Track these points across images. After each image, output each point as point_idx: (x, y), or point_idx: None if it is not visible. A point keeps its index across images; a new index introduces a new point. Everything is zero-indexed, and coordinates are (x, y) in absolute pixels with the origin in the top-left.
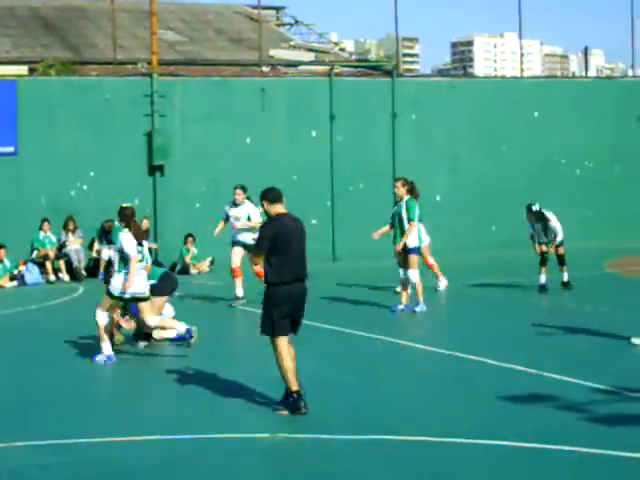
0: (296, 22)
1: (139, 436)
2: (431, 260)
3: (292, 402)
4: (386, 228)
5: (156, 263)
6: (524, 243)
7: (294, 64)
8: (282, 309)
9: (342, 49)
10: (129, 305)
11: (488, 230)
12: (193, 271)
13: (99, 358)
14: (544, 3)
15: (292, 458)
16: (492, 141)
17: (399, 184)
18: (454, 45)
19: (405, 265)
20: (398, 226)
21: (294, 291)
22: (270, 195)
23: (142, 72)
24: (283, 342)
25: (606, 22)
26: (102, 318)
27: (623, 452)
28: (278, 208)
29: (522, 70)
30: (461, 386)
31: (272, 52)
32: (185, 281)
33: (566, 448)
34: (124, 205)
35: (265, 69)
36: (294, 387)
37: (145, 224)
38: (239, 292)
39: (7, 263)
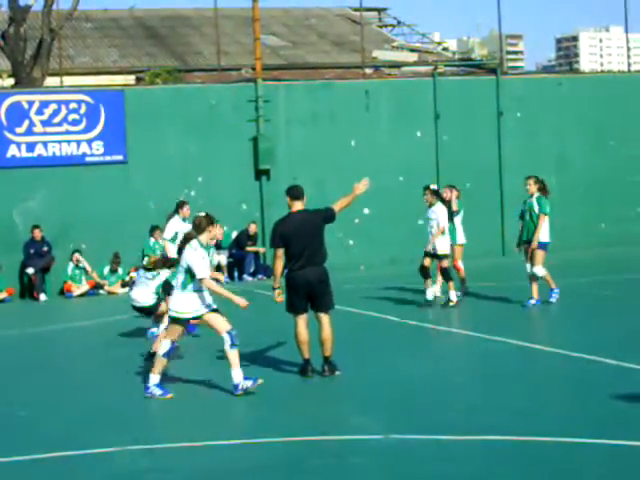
0: (398, 23)
1: (246, 439)
2: (460, 264)
3: (300, 367)
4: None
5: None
6: (635, 239)
7: (397, 65)
8: (298, 292)
9: (445, 48)
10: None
11: (598, 228)
12: None
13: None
14: None
15: (403, 459)
16: (600, 137)
17: (531, 181)
18: (559, 41)
19: (532, 260)
20: (530, 221)
21: (309, 274)
22: (291, 192)
23: (246, 78)
24: (299, 319)
25: None
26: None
27: None
28: (297, 205)
29: (629, 65)
30: (578, 386)
31: (375, 54)
32: None
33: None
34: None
35: (368, 71)
36: (304, 356)
37: (253, 228)
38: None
39: (119, 271)
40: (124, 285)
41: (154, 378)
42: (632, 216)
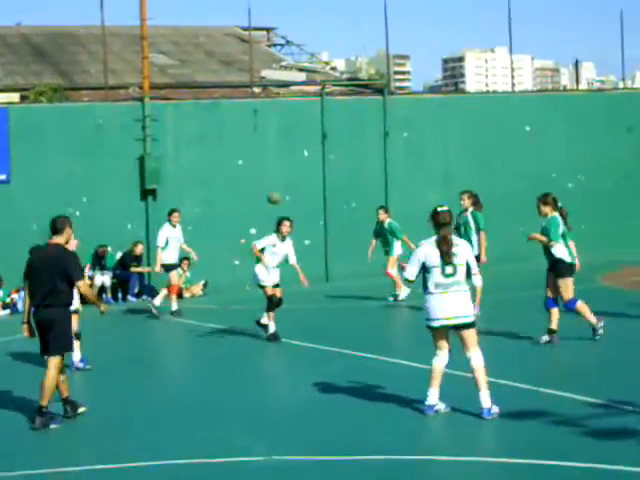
0: (287, 42)
1: (135, 462)
2: (393, 271)
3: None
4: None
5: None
6: (518, 258)
7: (285, 84)
8: (38, 332)
9: (333, 68)
10: None
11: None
12: (186, 295)
13: None
14: (534, 17)
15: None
16: (484, 156)
17: (465, 196)
18: (445, 61)
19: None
20: (465, 236)
21: (39, 315)
22: (51, 224)
23: (134, 96)
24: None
25: (597, 35)
26: None
27: None
28: (53, 238)
29: (513, 85)
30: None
31: (263, 73)
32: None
33: (566, 464)
34: None
35: (257, 90)
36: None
37: (139, 249)
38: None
39: (0, 293)
40: (5, 307)
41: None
42: (516, 234)
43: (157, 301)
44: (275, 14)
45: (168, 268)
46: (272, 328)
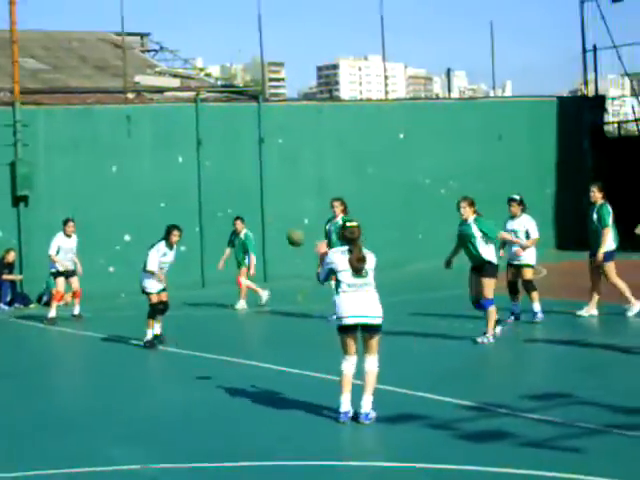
0: (161, 48)
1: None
2: (245, 280)
3: None
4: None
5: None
6: (395, 264)
7: (160, 90)
8: None
9: (208, 74)
10: None
11: None
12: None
13: None
14: (407, 26)
15: None
16: (359, 163)
17: (337, 204)
18: (319, 69)
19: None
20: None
21: None
22: None
23: (4, 101)
24: None
25: (468, 44)
26: None
27: (495, 468)
28: None
29: (387, 92)
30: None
31: (137, 79)
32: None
33: (442, 466)
34: None
35: (130, 96)
36: None
37: (11, 256)
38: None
39: None
40: None
41: None
42: (391, 240)
43: (51, 313)
44: (149, 20)
45: (56, 275)
46: (149, 335)
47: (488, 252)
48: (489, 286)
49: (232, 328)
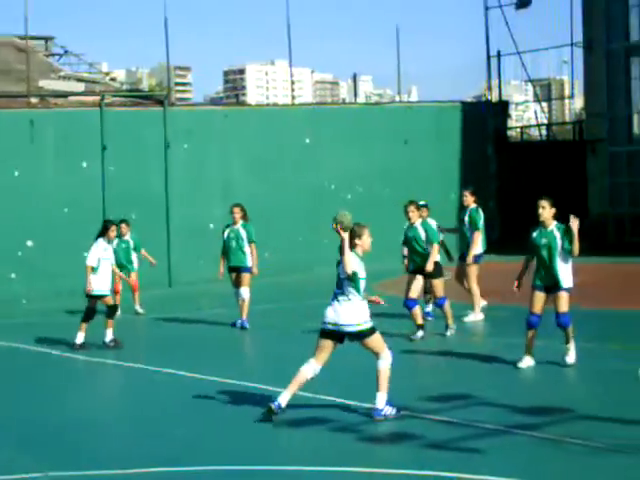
0: (65, 52)
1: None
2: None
3: None
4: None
5: None
6: (299, 268)
7: (64, 95)
8: None
9: (113, 79)
10: None
11: (261, 257)
12: None
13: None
14: (314, 31)
15: None
16: (265, 168)
17: (237, 210)
18: (226, 73)
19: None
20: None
21: None
22: None
23: None
24: None
25: (374, 49)
26: None
27: (383, 469)
28: None
29: (293, 97)
30: (240, 413)
31: (41, 83)
32: None
33: (342, 469)
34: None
35: (34, 100)
36: None
37: None
38: None
39: None
40: None
41: None
42: (297, 245)
43: None
44: (54, 23)
45: None
46: (80, 339)
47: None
48: (440, 285)
49: (134, 334)
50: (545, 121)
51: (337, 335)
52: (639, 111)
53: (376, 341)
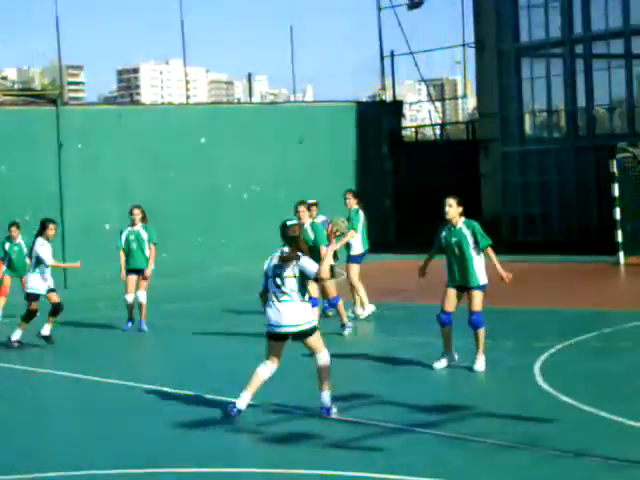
0: None
1: None
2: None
3: None
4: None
5: None
6: (193, 269)
7: None
8: None
9: (4, 78)
10: None
11: (159, 258)
12: None
13: None
14: (208, 30)
15: None
16: (160, 168)
17: (137, 211)
18: (120, 72)
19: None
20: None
21: None
22: None
23: None
24: None
25: (269, 49)
26: None
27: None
28: None
29: (188, 97)
30: (132, 415)
31: None
32: None
33: (244, 470)
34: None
35: None
36: None
37: None
38: None
39: None
40: None
41: None
42: (194, 244)
43: None
44: None
45: None
46: (17, 336)
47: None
48: (332, 286)
49: (31, 337)
50: (439, 121)
51: (284, 336)
52: (530, 111)
53: (317, 340)
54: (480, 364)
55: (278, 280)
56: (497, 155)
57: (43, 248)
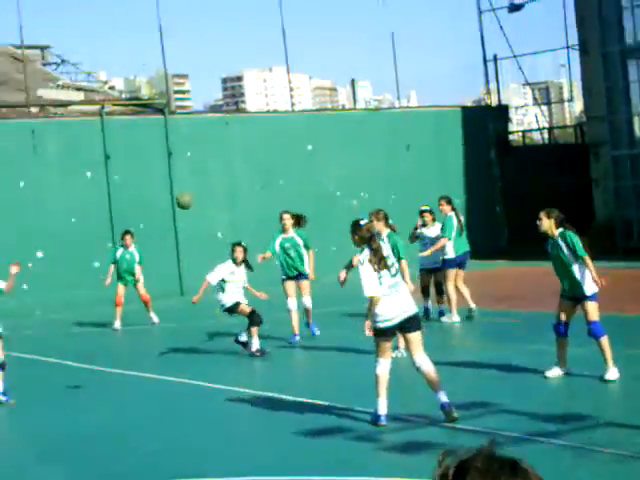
0: (62, 61)
1: None
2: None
3: None
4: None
5: None
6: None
7: (64, 104)
8: None
9: (112, 87)
10: None
11: (272, 264)
12: None
13: None
14: (311, 37)
15: None
16: (268, 175)
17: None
18: (224, 80)
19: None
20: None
21: None
22: None
23: None
24: None
25: (372, 54)
26: None
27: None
28: None
29: (293, 104)
30: (259, 423)
31: (40, 92)
32: None
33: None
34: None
35: (34, 110)
36: None
37: None
38: None
39: None
40: None
41: None
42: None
43: None
44: (49, 32)
45: None
46: (257, 344)
47: None
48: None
49: (151, 344)
50: (546, 124)
51: (397, 327)
52: (639, 114)
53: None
54: (611, 373)
55: (385, 273)
56: (607, 159)
57: (220, 267)
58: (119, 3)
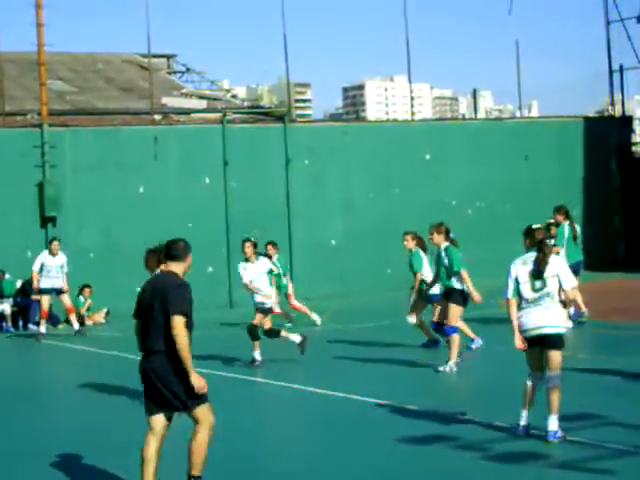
0: (187, 70)
1: None
2: (296, 303)
3: None
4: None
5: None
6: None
7: (186, 112)
8: (143, 385)
9: (234, 96)
10: None
11: (384, 272)
12: (88, 322)
13: None
14: (432, 46)
15: None
16: (385, 184)
17: (408, 237)
18: (345, 89)
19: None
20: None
21: (144, 365)
22: (167, 249)
23: (32, 123)
24: (150, 422)
25: (494, 64)
26: None
27: None
28: (168, 265)
29: (413, 113)
30: (359, 430)
31: (164, 100)
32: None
33: None
34: None
35: (157, 117)
36: None
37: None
38: None
39: None
40: None
41: None
42: None
43: (42, 329)
44: (175, 41)
45: (42, 292)
46: (298, 338)
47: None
48: (454, 313)
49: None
50: None
51: (541, 339)
52: None
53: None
54: None
55: (538, 283)
56: None
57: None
58: (244, 13)
